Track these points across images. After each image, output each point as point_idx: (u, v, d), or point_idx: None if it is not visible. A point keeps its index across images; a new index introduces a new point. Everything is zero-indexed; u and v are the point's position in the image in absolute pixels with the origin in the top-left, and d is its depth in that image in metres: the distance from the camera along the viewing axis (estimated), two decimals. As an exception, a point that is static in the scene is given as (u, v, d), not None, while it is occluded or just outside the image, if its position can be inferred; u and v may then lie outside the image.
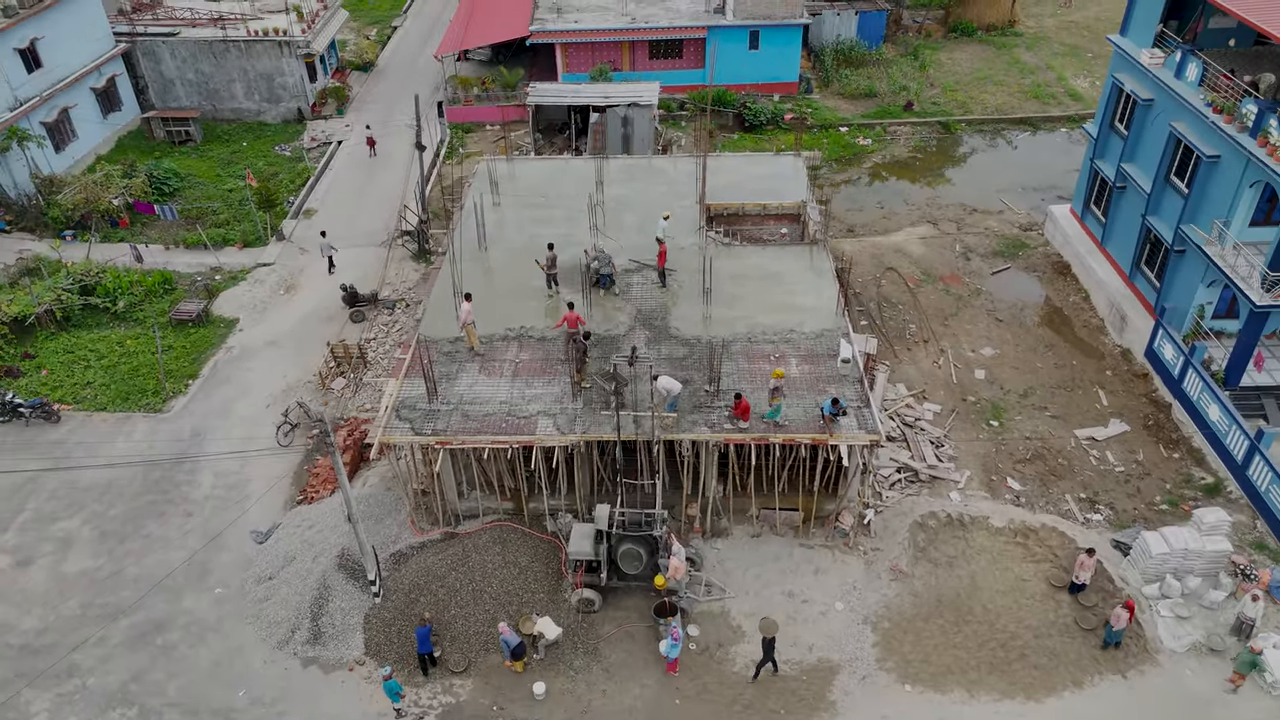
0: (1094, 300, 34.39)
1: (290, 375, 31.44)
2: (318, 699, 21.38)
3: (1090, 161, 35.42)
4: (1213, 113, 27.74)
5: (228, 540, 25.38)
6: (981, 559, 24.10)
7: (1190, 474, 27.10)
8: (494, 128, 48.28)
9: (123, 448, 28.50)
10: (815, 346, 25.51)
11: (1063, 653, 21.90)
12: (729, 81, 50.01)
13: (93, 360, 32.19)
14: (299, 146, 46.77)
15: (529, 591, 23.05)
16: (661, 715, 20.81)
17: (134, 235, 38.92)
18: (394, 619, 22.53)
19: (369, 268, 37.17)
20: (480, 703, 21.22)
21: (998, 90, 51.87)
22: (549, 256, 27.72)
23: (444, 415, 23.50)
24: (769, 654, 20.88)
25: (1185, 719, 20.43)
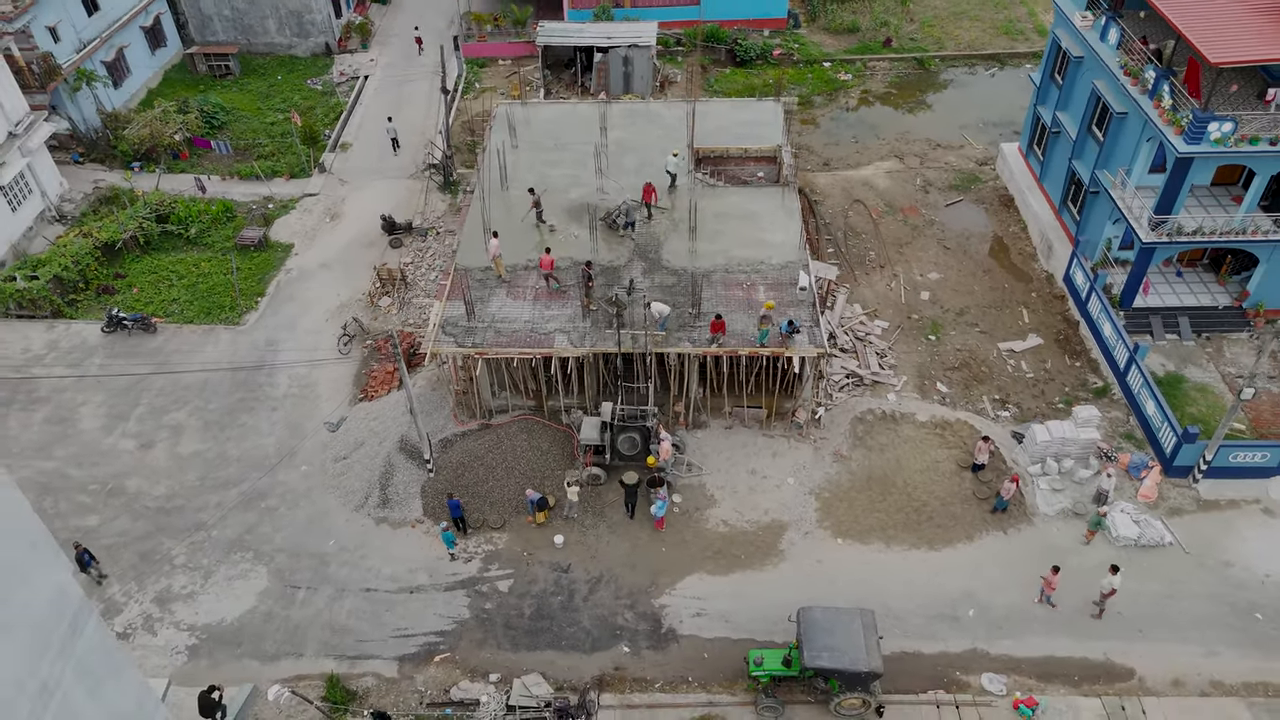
0: (1030, 231, 39.89)
1: (343, 294, 37.27)
2: (389, 546, 28.02)
3: (1034, 106, 40.39)
4: (1123, 75, 32.77)
5: (306, 429, 31.73)
6: (906, 446, 30.46)
7: (1085, 379, 33.19)
8: (506, 63, 52.79)
9: (212, 354, 34.62)
10: (780, 276, 31.30)
11: (961, 516, 28.41)
12: (721, 17, 54.27)
13: (174, 280, 38.00)
14: (329, 80, 51.43)
15: (549, 469, 29.50)
16: (651, 560, 27.45)
17: (193, 167, 44.19)
18: (444, 489, 29.02)
19: (401, 198, 42.54)
20: (514, 550, 27.87)
21: (972, 25, 56.02)
22: (534, 199, 33.04)
23: (480, 331, 29.49)
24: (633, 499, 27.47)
25: (1045, 561, 26.86)
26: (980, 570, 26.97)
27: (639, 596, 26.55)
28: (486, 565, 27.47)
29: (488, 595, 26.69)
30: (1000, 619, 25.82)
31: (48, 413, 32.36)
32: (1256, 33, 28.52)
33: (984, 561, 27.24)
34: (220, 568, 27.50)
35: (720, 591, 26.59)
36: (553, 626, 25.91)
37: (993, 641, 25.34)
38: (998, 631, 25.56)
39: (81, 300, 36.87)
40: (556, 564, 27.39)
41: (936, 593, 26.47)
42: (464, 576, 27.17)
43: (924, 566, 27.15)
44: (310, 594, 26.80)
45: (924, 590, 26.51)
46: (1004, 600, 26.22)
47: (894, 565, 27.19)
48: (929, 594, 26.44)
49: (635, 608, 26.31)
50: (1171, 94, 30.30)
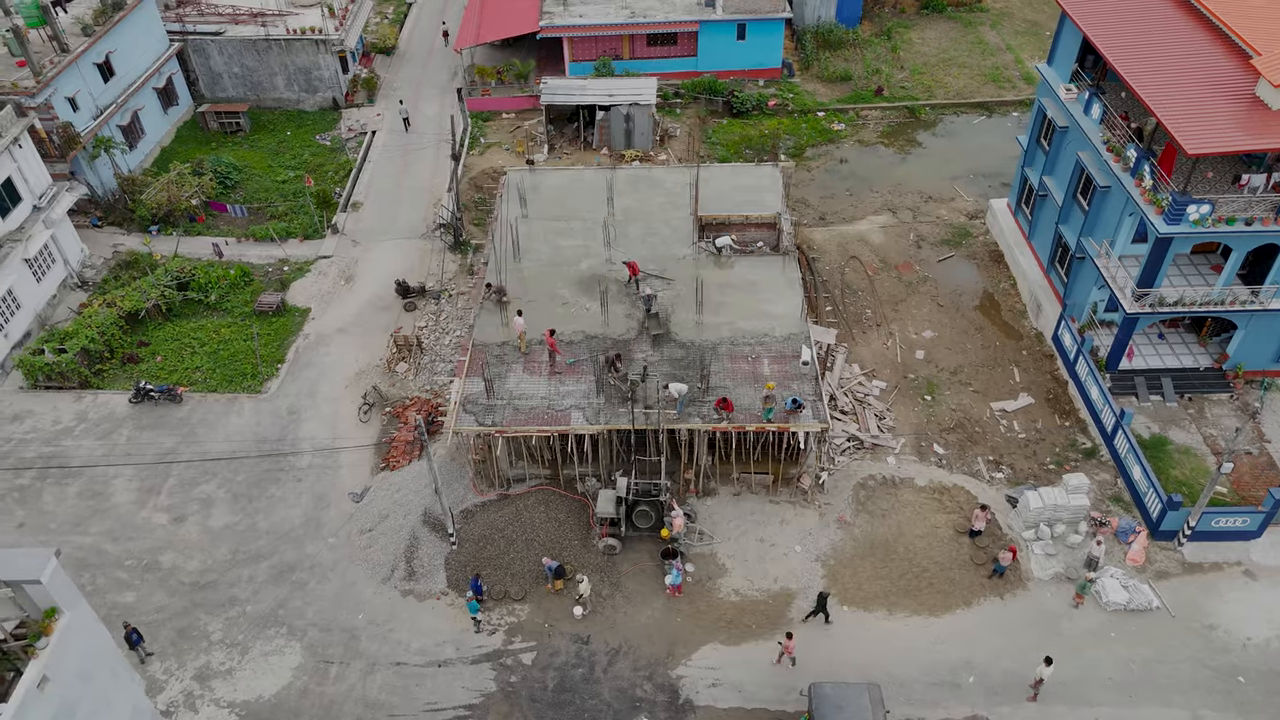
0: (1019, 288, 41.52)
1: (360, 360, 38.63)
2: (416, 619, 29.41)
3: (1021, 167, 42.06)
4: (1106, 151, 34.44)
5: (330, 499, 33.10)
6: (906, 511, 32.01)
7: (1075, 439, 34.80)
8: (509, 116, 54.25)
9: (237, 424, 35.94)
10: (783, 349, 32.84)
11: (960, 581, 29.96)
12: (718, 68, 55.89)
13: (196, 347, 39.31)
14: (337, 136, 52.80)
15: (566, 539, 30.94)
16: (668, 629, 28.90)
17: (208, 230, 45.50)
18: (467, 561, 30.45)
19: (412, 259, 43.91)
20: (535, 621, 29.29)
21: (960, 73, 57.73)
22: (493, 291, 34.77)
23: (499, 409, 30.92)
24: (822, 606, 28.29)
25: (1040, 626, 28.54)
26: (979, 637, 28.51)
27: (656, 667, 28.00)
28: (510, 638, 28.87)
29: (512, 668, 28.09)
30: (998, 685, 27.36)
31: (81, 486, 33.64)
32: (1231, 121, 30.17)
33: (982, 627, 28.78)
34: (256, 643, 28.83)
35: (733, 661, 28.07)
36: (575, 699, 27.33)
37: (992, 708, 26.87)
38: (996, 698, 27.09)
39: (107, 370, 38.14)
40: (577, 635, 28.83)
41: (938, 660, 27.99)
42: (489, 649, 28.56)
43: (925, 634, 28.67)
44: (343, 669, 28.16)
45: (926, 657, 28.04)
46: (1001, 666, 27.75)
47: (897, 633, 28.71)
48: (930, 661, 27.97)
49: (653, 679, 27.76)
50: (1151, 174, 31.97)
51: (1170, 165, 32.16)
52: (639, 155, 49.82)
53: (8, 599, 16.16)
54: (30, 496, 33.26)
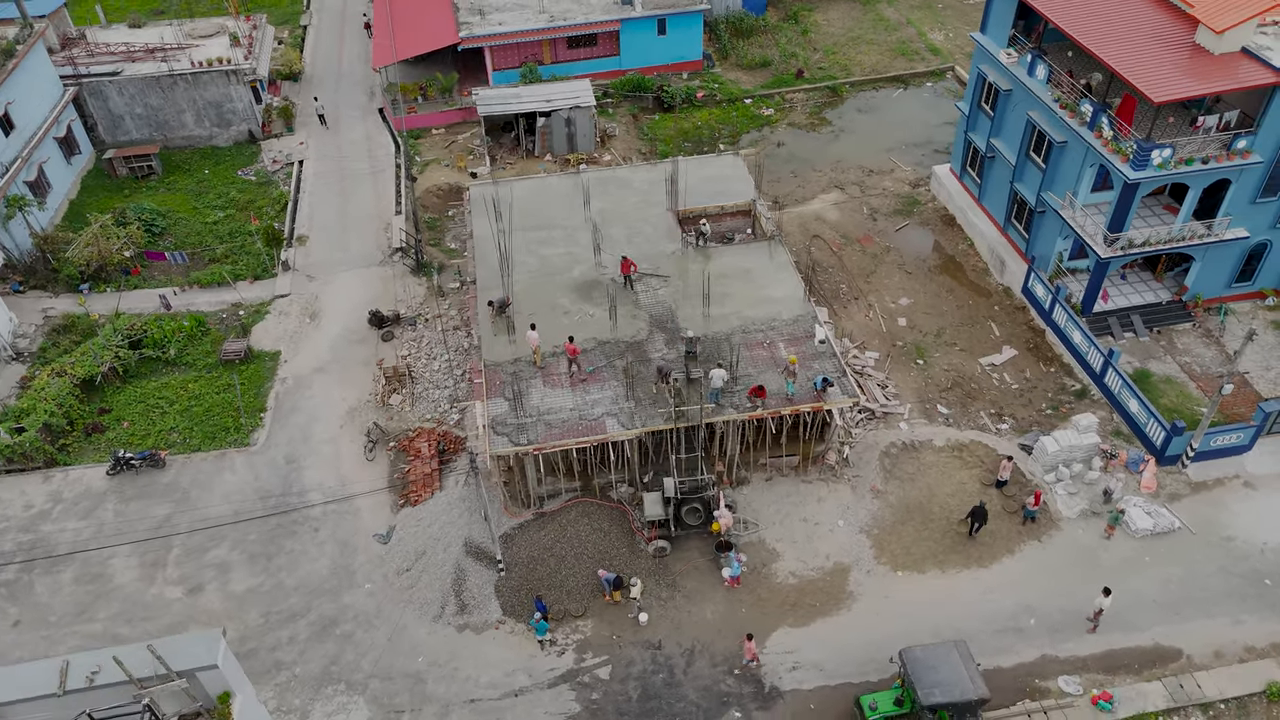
0: (978, 248, 43.34)
1: (348, 397, 37.01)
2: (480, 652, 28.47)
3: (964, 133, 43.86)
4: (1059, 108, 36.31)
5: (356, 545, 31.64)
6: (931, 472, 33.01)
7: (1064, 383, 36.62)
8: (439, 132, 52.90)
9: (233, 481, 33.89)
10: (795, 330, 33.31)
11: (997, 532, 31.12)
12: (641, 65, 56.06)
13: (165, 406, 36.81)
14: (263, 169, 50.31)
15: (614, 548, 30.55)
16: (735, 621, 28.94)
17: (146, 282, 42.62)
18: (519, 585, 29.69)
19: (375, 288, 42.31)
20: (601, 635, 28.82)
21: (869, 50, 59.69)
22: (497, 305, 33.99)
23: (530, 426, 30.22)
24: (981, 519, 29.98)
25: (1080, 562, 29.99)
26: (1028, 581, 29.71)
27: (734, 660, 28.01)
28: (580, 655, 28.32)
29: (591, 685, 27.57)
30: (1058, 623, 28.60)
31: (75, 571, 31.07)
32: (1180, 69, 32.35)
33: (1029, 572, 30.00)
34: (315, 705, 27.34)
35: (807, 642, 28.36)
36: (662, 705, 27.06)
37: (1058, 646, 28.07)
38: (1058, 635, 28.32)
39: (71, 444, 35.32)
40: (647, 642, 28.53)
41: (996, 609, 29.04)
42: (563, 670, 27.95)
43: (978, 586, 29.69)
44: (415, 715, 27.03)
45: (984, 608, 29.04)
46: (1055, 605, 29.01)
47: (952, 589, 29.61)
48: (989, 611, 28.99)
49: (734, 672, 27.76)
50: (1111, 125, 33.94)
51: (1128, 116, 34.19)
52: (583, 158, 49.46)
53: (179, 690, 14.78)
54: (20, 591, 30.49)
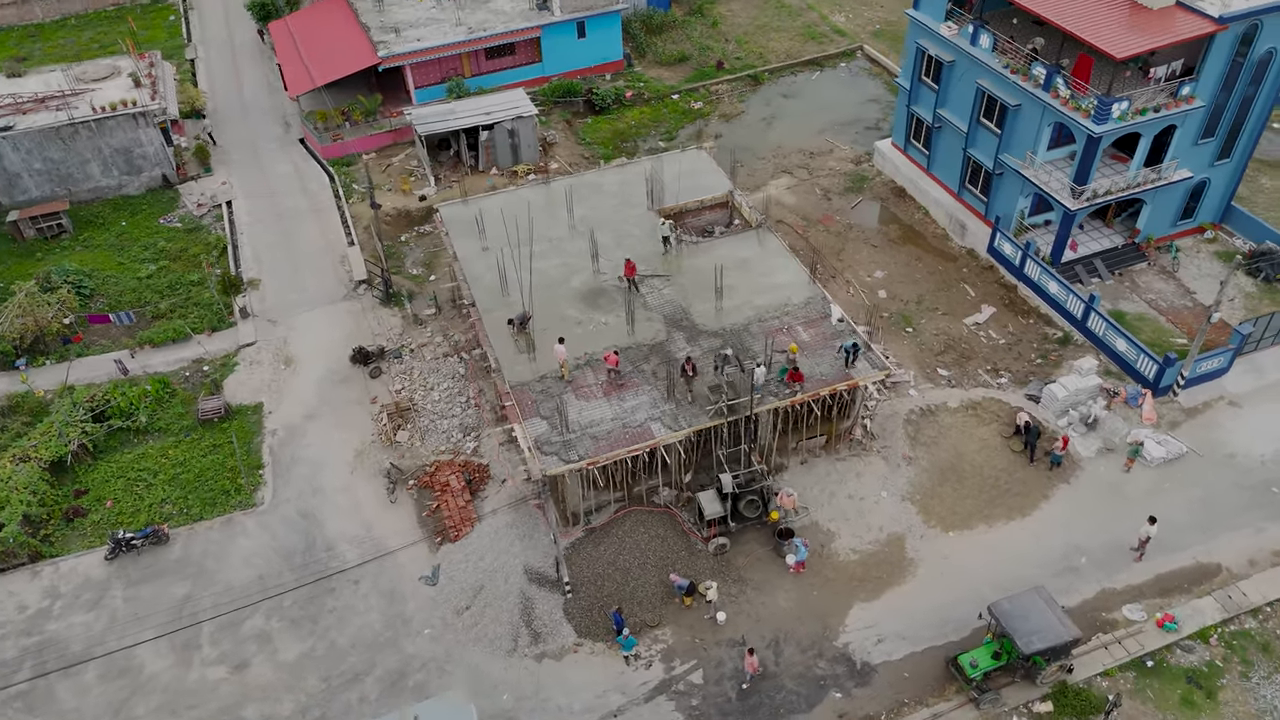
0: (934, 215, 45.00)
1: (349, 440, 35.17)
2: (565, 679, 27.64)
3: (905, 106, 45.44)
4: (1010, 74, 38.12)
5: (403, 593, 30.14)
6: (953, 433, 34.13)
7: (1045, 333, 38.50)
8: (371, 157, 50.86)
9: (248, 545, 31.68)
10: (809, 313, 33.76)
11: (1028, 480, 32.48)
12: (563, 70, 55.53)
13: (149, 478, 34.04)
14: (187, 214, 47.13)
15: (673, 552, 30.23)
16: (811, 606, 29.15)
17: (91, 349, 39.29)
18: (590, 605, 28.99)
19: (346, 325, 40.32)
20: (683, 640, 28.47)
21: (779, 36, 61.03)
22: (520, 318, 33.14)
23: (577, 442, 29.51)
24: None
25: (1110, 497, 31.64)
26: (1069, 522, 31.14)
27: (820, 643, 28.23)
28: (668, 664, 27.91)
29: (688, 692, 27.22)
30: (1106, 558, 30.11)
31: (99, 669, 28.37)
32: (1127, 26, 34.52)
33: (1067, 513, 31.43)
34: (407, 764, 25.87)
35: (884, 614, 28.86)
36: (763, 699, 26.98)
37: (1112, 578, 29.56)
38: (1110, 568, 29.82)
39: (52, 533, 32.22)
40: (731, 639, 28.37)
41: (1047, 553, 30.30)
42: (655, 682, 27.48)
43: (1025, 534, 30.91)
44: (517, 755, 26.03)
45: (1036, 554, 30.26)
46: (1099, 541, 30.53)
47: (1002, 541, 30.72)
48: (1041, 557, 30.22)
49: (824, 655, 27.97)
50: (1067, 85, 35.89)
51: (1083, 75, 36.22)
52: (530, 169, 48.61)
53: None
54: (40, 700, 27.63)
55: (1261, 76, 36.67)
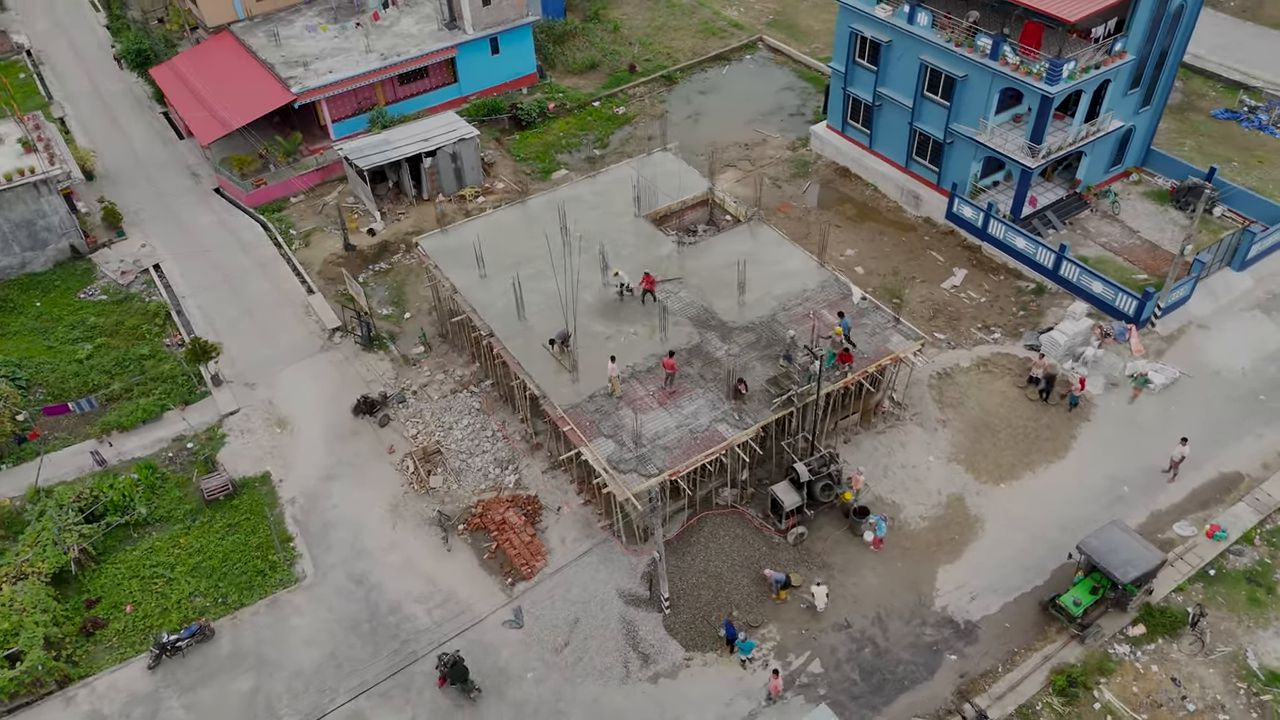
0: (883, 190, 46.77)
1: (380, 496, 33.24)
2: (686, 695, 27.15)
3: (842, 89, 46.98)
4: (955, 47, 40.13)
5: (490, 642, 28.79)
6: (973, 390, 35.69)
7: (1018, 286, 40.78)
8: (299, 199, 48.06)
9: (308, 624, 29.42)
10: (828, 295, 34.47)
11: (1053, 424, 34.36)
12: (480, 88, 54.32)
13: (167, 573, 31.07)
14: (111, 284, 43.15)
15: (754, 549, 30.26)
16: (899, 577, 29.81)
17: (51, 444, 35.42)
18: (691, 617, 28.60)
19: (331, 376, 38.05)
20: (790, 634, 28.54)
21: (679, 34, 61.76)
22: (561, 336, 32.35)
23: (650, 456, 29.02)
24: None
25: (1128, 427, 33.89)
26: (1100, 456, 33.17)
27: (920, 611, 28.94)
28: (783, 660, 27.93)
29: (811, 684, 27.34)
30: (1144, 483, 32.27)
31: (182, 789, 25.68)
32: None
33: (1096, 449, 33.46)
34: (558, 814, 24.82)
35: (970, 571, 29.90)
36: (886, 675, 27.43)
37: (1154, 501, 31.72)
38: (1150, 492, 31.98)
39: (72, 652, 28.89)
40: (837, 624, 28.68)
41: (1091, 489, 32.19)
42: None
43: (1067, 474, 32.72)
44: (666, 781, 25.40)
45: (1082, 492, 32.08)
46: (1133, 469, 32.67)
47: (1049, 485, 32.39)
48: (1088, 491, 32.08)
49: (927, 621, 28.70)
50: (1014, 51, 38.16)
51: (1031, 41, 38.55)
52: (477, 191, 47.28)
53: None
54: (124, 836, 24.73)
55: (1175, 28, 40.16)
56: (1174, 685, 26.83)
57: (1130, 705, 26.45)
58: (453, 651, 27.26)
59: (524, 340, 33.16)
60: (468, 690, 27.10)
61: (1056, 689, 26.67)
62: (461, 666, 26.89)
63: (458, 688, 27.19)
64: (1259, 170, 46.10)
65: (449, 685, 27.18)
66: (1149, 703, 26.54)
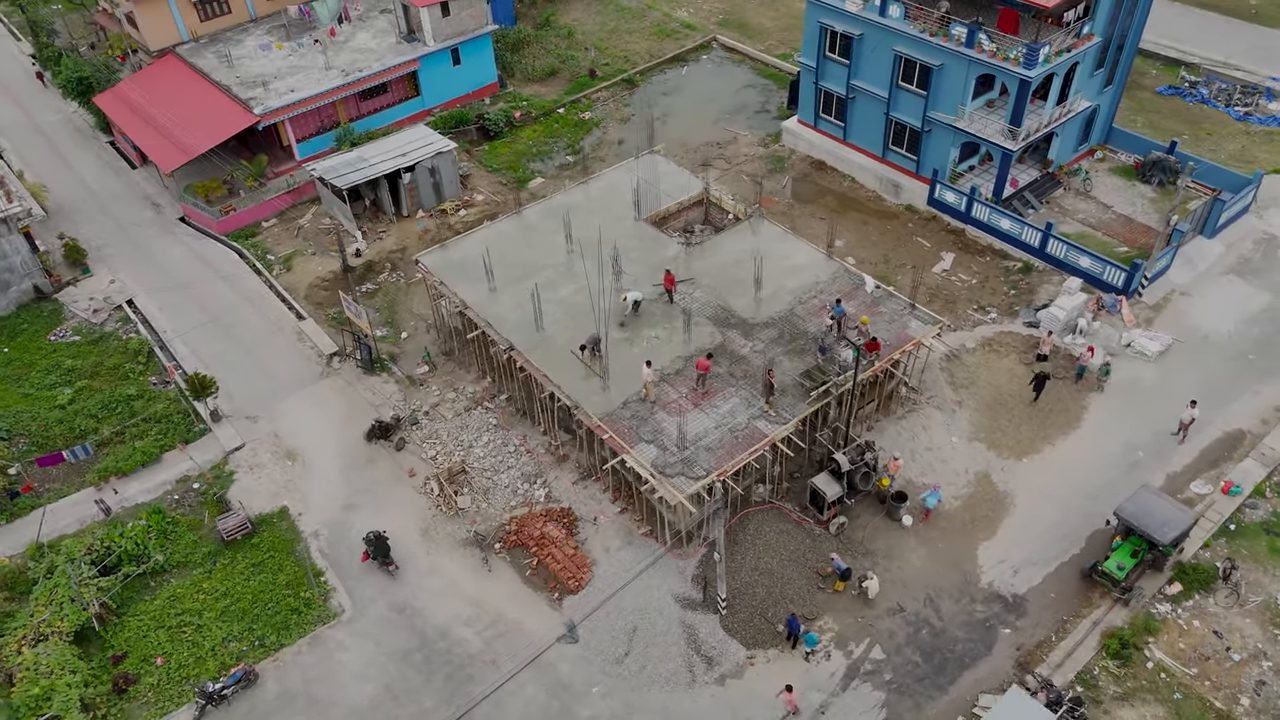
0: (861, 180, 47.56)
1: (408, 521, 32.42)
2: (755, 693, 27.14)
3: (814, 84, 47.62)
4: (929, 37, 41.06)
5: (545, 659, 28.32)
6: (982, 370, 36.55)
7: (1005, 266, 41.86)
8: (271, 224, 46.53)
9: (354, 660, 28.51)
10: (842, 287, 34.89)
11: (1063, 396, 35.38)
12: (443, 100, 53.51)
13: (195, 620, 29.76)
14: (84, 324, 41.14)
15: (799, 543, 30.45)
16: (941, 558, 30.33)
17: (47, 497, 33.61)
18: (749, 616, 28.63)
19: (336, 403, 36.99)
20: (848, 623, 28.78)
21: (634, 37, 61.80)
22: (592, 340, 32.08)
23: (695, 458, 28.93)
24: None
25: (1133, 394, 35.08)
26: (1111, 425, 34.28)
27: (968, 589, 29.51)
28: (845, 649, 28.15)
29: (876, 670, 27.62)
30: (1157, 447, 33.46)
31: (251, 842, 24.60)
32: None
33: (1108, 417, 34.56)
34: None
35: (1007, 545, 30.61)
36: (947, 655, 27.89)
37: (1168, 463, 32.92)
38: (1163, 456, 33.18)
39: (106, 713, 27.44)
40: (891, 609, 29.04)
41: (1109, 455, 33.27)
42: (843, 670, 27.65)
43: (1084, 443, 33.74)
44: (750, 781, 25.34)
45: (1101, 459, 33.12)
46: (1145, 434, 33.86)
47: (1069, 456, 33.34)
48: (1105, 458, 33.14)
49: (975, 598, 29.28)
50: (990, 39, 39.25)
51: (1006, 28, 39.65)
52: (458, 204, 46.52)
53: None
54: None
55: (1134, 8, 41.85)
56: (1217, 638, 27.89)
57: (1181, 661, 27.41)
58: (378, 529, 30.48)
59: (546, 351, 32.72)
60: (386, 564, 30.32)
61: (1110, 653, 27.47)
62: (384, 543, 30.33)
63: (377, 562, 30.49)
64: (1208, 141, 48.29)
65: (371, 560, 30.65)
66: (1197, 657, 27.54)
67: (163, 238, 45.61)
